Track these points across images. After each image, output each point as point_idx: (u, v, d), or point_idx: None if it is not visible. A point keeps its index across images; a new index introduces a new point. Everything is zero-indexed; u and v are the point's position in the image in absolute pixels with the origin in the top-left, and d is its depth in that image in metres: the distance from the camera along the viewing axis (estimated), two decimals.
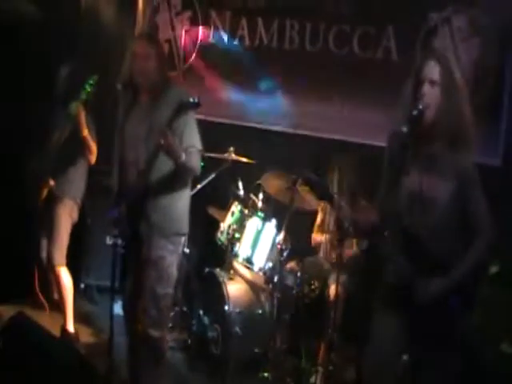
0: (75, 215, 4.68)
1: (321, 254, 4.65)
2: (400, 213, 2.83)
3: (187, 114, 3.37)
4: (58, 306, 4.73)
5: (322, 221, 4.69)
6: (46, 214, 4.62)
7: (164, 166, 3.43)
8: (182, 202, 3.61)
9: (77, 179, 4.65)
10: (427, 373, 2.81)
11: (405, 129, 2.70)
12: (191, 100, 3.25)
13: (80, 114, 4.35)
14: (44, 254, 4.68)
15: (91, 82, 4.24)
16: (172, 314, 4.74)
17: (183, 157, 3.34)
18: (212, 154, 4.65)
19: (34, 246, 4.80)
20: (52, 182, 4.55)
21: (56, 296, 4.83)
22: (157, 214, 3.49)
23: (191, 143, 3.47)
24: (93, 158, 4.56)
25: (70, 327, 4.64)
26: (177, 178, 3.51)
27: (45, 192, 4.57)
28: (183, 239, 3.68)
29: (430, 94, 2.75)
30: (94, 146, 4.51)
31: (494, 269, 3.39)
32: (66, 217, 4.61)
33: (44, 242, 4.70)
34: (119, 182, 3.48)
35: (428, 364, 2.79)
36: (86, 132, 4.42)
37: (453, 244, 2.78)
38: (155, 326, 3.52)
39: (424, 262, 2.76)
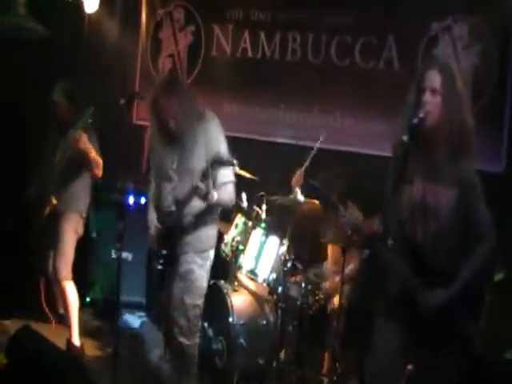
0: (80, 229, 4.69)
1: (325, 263, 4.65)
2: (403, 221, 2.83)
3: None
4: (64, 320, 4.74)
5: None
6: (51, 228, 4.63)
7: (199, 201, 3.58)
8: (212, 224, 3.78)
9: (81, 193, 4.65)
10: (431, 381, 2.79)
11: (406, 137, 2.71)
12: (229, 159, 3.43)
13: (83, 140, 4.33)
14: (50, 268, 4.69)
15: (89, 113, 4.24)
16: None
17: (215, 196, 3.48)
18: None
19: (39, 260, 4.81)
20: (54, 201, 4.55)
21: (62, 310, 4.83)
22: (190, 235, 3.67)
23: (225, 180, 3.61)
24: (99, 172, 4.56)
25: (76, 341, 4.63)
26: (209, 210, 3.68)
27: (47, 210, 4.57)
28: (212, 253, 3.82)
29: (432, 103, 2.75)
30: (100, 161, 4.51)
31: (498, 276, 3.37)
32: (71, 231, 4.62)
33: (50, 257, 4.71)
34: (157, 204, 3.76)
35: (432, 372, 2.77)
36: (93, 153, 4.43)
37: (456, 252, 2.77)
38: (185, 334, 3.71)
39: (427, 269, 2.75)
